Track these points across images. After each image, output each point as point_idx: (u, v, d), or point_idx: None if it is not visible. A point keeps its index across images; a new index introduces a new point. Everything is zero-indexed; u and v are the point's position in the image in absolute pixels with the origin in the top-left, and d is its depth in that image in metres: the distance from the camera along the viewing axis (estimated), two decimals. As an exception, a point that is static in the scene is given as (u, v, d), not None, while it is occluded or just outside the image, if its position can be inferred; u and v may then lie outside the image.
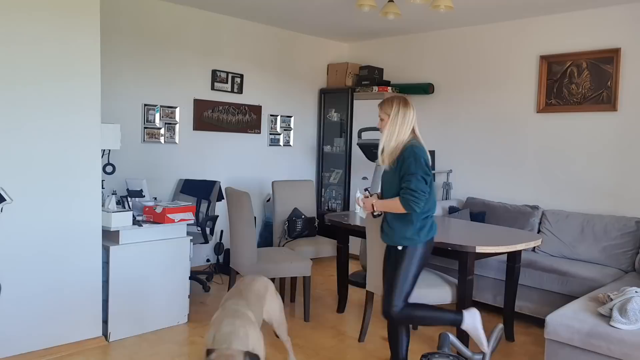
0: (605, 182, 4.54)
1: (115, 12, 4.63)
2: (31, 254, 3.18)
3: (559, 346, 2.88)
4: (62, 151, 3.26)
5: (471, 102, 5.43)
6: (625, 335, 2.66)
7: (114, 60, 4.64)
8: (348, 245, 4.22)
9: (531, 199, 4.92)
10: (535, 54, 4.94)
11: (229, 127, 5.52)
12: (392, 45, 6.16)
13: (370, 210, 2.89)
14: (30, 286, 3.18)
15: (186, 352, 3.41)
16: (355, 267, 5.46)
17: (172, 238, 3.79)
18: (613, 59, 4.44)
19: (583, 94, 4.63)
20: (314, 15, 5.27)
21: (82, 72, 3.31)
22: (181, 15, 5.08)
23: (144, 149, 4.91)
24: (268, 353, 3.42)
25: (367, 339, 3.69)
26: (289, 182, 5.07)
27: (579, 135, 4.69)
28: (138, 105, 4.85)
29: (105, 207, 3.56)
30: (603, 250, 4.18)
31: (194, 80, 5.23)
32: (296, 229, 4.76)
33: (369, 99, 5.92)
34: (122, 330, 3.57)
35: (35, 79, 3.14)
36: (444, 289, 3.36)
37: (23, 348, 3.17)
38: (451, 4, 3.76)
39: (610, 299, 2.93)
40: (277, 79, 5.96)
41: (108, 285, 3.49)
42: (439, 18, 5.17)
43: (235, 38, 5.53)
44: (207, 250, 5.45)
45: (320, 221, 5.21)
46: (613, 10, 4.47)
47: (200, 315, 4.05)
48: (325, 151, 6.44)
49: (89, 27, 3.32)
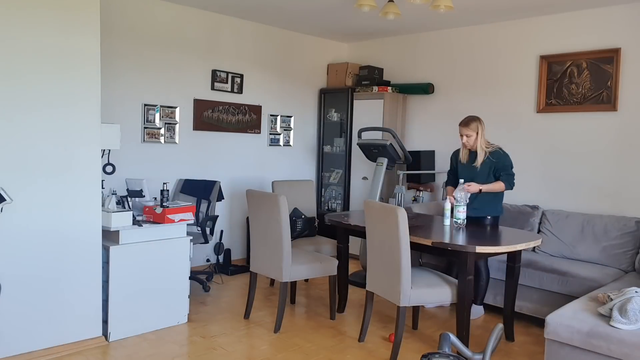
0: (605, 182, 4.54)
1: (115, 12, 4.63)
2: (31, 254, 3.18)
3: (559, 346, 2.88)
4: (62, 151, 3.26)
5: (471, 102, 5.43)
6: (625, 335, 2.66)
7: (114, 60, 4.64)
8: (348, 245, 4.22)
9: (531, 199, 4.92)
10: (535, 54, 4.94)
11: (229, 127, 5.52)
12: (392, 45, 6.16)
13: (476, 191, 3.81)
14: (30, 286, 3.18)
15: (186, 352, 3.41)
16: (355, 267, 5.46)
17: (172, 238, 3.78)
18: (613, 59, 4.44)
19: (583, 94, 4.63)
20: (314, 15, 5.28)
21: (82, 72, 3.31)
22: (181, 15, 5.08)
23: (144, 149, 4.91)
24: (268, 353, 3.42)
25: (367, 339, 3.69)
26: (289, 182, 5.07)
27: (579, 135, 4.69)
28: (138, 105, 4.85)
29: (105, 207, 3.56)
30: (603, 250, 4.19)
31: (194, 80, 5.23)
32: (296, 229, 4.76)
33: (369, 99, 5.93)
34: (122, 330, 3.57)
35: (35, 78, 3.13)
36: (444, 289, 3.36)
37: (23, 348, 3.17)
38: (451, 4, 3.76)
39: (610, 299, 2.93)
40: (277, 79, 5.96)
41: (108, 285, 3.49)
42: (439, 18, 5.17)
43: (235, 38, 5.53)
44: (207, 250, 5.45)
45: (320, 221, 5.21)
46: (613, 10, 4.47)
47: (200, 315, 4.05)
48: (325, 151, 6.44)
49: (89, 27, 3.31)
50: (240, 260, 5.71)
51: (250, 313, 4.06)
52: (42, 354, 3.23)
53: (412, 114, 5.99)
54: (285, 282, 3.75)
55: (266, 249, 3.86)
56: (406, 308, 3.30)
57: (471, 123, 3.87)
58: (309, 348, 3.53)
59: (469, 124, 3.87)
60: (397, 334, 3.30)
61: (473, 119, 3.89)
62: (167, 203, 3.77)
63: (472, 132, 3.87)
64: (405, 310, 3.29)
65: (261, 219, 3.87)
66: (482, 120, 3.91)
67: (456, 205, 3.73)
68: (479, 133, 3.87)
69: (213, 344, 3.54)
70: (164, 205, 3.70)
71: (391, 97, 5.83)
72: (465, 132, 3.89)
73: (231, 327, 3.85)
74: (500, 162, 3.88)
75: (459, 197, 3.70)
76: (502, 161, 3.88)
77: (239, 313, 4.14)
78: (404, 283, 3.24)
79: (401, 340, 3.33)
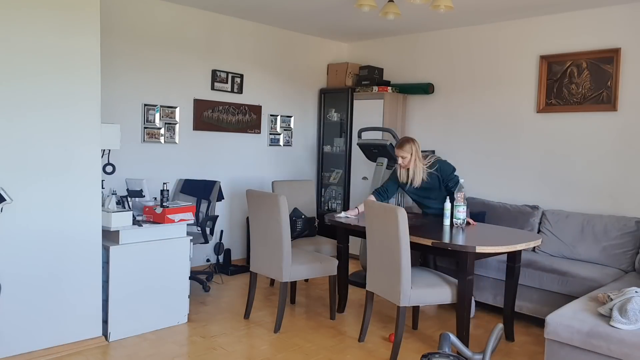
0: (605, 182, 4.54)
1: (115, 12, 4.63)
2: (31, 254, 3.18)
3: (559, 346, 2.88)
4: (62, 151, 3.26)
5: (471, 102, 5.43)
6: (625, 335, 2.66)
7: (114, 60, 4.64)
8: (348, 245, 4.22)
9: (531, 199, 4.92)
10: (535, 54, 4.94)
11: (229, 127, 5.52)
12: (392, 45, 6.16)
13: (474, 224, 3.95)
14: (30, 286, 3.18)
15: (186, 352, 3.41)
16: (355, 267, 5.46)
17: (172, 238, 3.79)
18: (613, 59, 4.44)
19: (583, 94, 4.63)
20: (314, 15, 5.28)
21: (82, 72, 3.31)
22: (181, 15, 5.08)
23: (144, 149, 4.91)
24: (268, 353, 3.42)
25: (367, 339, 3.69)
26: (289, 182, 5.07)
27: (579, 135, 4.69)
28: (138, 105, 4.85)
29: (105, 207, 3.56)
30: (603, 250, 4.19)
31: (194, 80, 5.23)
32: (296, 229, 4.76)
33: (369, 99, 5.93)
34: (122, 330, 3.57)
35: (35, 78, 3.13)
36: (444, 288, 3.36)
37: (23, 348, 3.17)
38: (451, 4, 3.76)
39: (610, 299, 2.93)
40: (277, 79, 5.96)
41: (108, 285, 3.49)
42: (439, 18, 5.17)
43: (235, 38, 5.53)
44: (207, 250, 5.45)
45: (320, 221, 5.21)
46: (613, 10, 4.47)
47: (200, 315, 4.05)
48: (325, 151, 6.44)
49: (89, 26, 3.32)
50: (240, 260, 5.71)
51: (250, 313, 4.06)
52: (42, 354, 3.24)
53: (412, 114, 5.99)
54: (285, 282, 3.76)
55: (266, 249, 3.86)
56: (406, 308, 3.30)
57: (405, 145, 4.00)
58: (309, 348, 3.53)
59: (403, 145, 4.01)
60: (397, 334, 3.30)
61: (407, 141, 4.02)
62: (167, 203, 3.77)
63: (407, 153, 3.99)
64: (405, 310, 3.29)
65: (261, 219, 3.87)
66: (415, 141, 4.03)
67: (456, 205, 3.74)
68: (413, 154, 3.99)
69: (213, 344, 3.54)
70: (164, 205, 3.70)
71: (391, 97, 5.84)
72: (401, 154, 4.02)
73: (231, 327, 3.85)
74: (444, 172, 4.02)
75: (457, 197, 3.73)
76: (445, 170, 4.03)
77: (239, 313, 4.14)
78: (404, 283, 3.24)
79: (401, 340, 3.33)
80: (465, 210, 3.76)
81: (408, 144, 4.01)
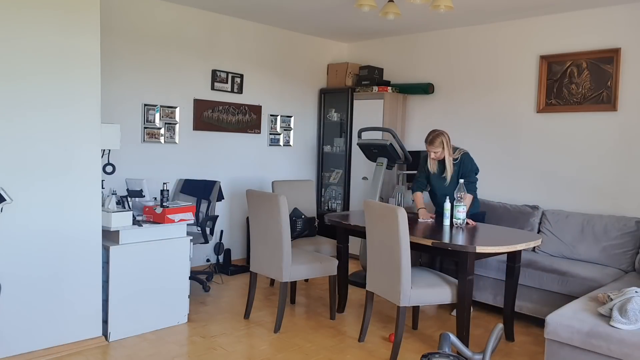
0: (605, 182, 4.54)
1: (115, 12, 4.63)
2: (31, 254, 3.18)
3: (559, 346, 2.88)
4: (62, 151, 3.26)
5: (471, 102, 5.43)
6: (625, 335, 2.66)
7: (114, 60, 4.64)
8: (348, 245, 4.22)
9: (531, 199, 4.92)
10: (535, 54, 4.94)
11: (229, 127, 5.52)
12: (392, 45, 6.16)
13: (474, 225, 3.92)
14: (30, 286, 3.18)
15: (186, 352, 3.41)
16: (355, 267, 5.46)
17: (172, 238, 3.78)
18: (613, 59, 4.44)
19: (583, 94, 4.63)
20: (314, 15, 5.28)
21: (82, 72, 3.31)
22: (181, 15, 5.08)
23: (144, 149, 4.91)
24: (268, 353, 3.42)
25: (367, 339, 3.69)
26: (289, 182, 5.07)
27: (579, 136, 4.69)
28: (138, 105, 4.85)
29: (105, 207, 3.56)
30: (603, 250, 4.19)
31: (194, 80, 5.23)
32: (296, 229, 4.76)
33: (369, 99, 5.93)
34: (122, 330, 3.57)
35: (35, 78, 3.13)
36: (444, 288, 3.36)
37: (23, 348, 3.17)
38: (451, 4, 3.76)
39: (610, 299, 2.93)
40: (277, 79, 5.96)
41: (108, 285, 3.49)
42: (439, 18, 5.17)
43: (235, 38, 5.53)
44: (207, 250, 5.45)
45: (320, 221, 5.21)
46: (613, 10, 4.47)
47: (200, 315, 4.05)
48: (325, 151, 6.44)
49: (89, 26, 3.32)
50: (240, 260, 5.71)
51: (250, 313, 4.06)
52: (42, 354, 3.24)
53: (412, 114, 5.99)
54: (285, 282, 3.76)
55: (266, 249, 3.86)
56: (406, 308, 3.30)
57: (436, 140, 3.98)
58: (309, 348, 3.53)
59: (434, 141, 3.98)
60: (397, 334, 3.30)
61: (437, 136, 3.98)
62: (167, 203, 3.77)
63: (438, 148, 3.99)
64: (405, 310, 3.29)
65: (261, 219, 3.87)
66: (445, 133, 4.01)
67: (456, 205, 3.75)
68: (445, 147, 3.99)
69: (213, 344, 3.54)
70: (164, 205, 3.71)
71: (391, 97, 5.84)
72: (432, 150, 4.01)
73: (231, 327, 3.85)
74: (464, 167, 4.05)
75: (458, 196, 3.73)
76: (466, 167, 4.05)
77: (239, 313, 4.14)
78: (404, 283, 3.24)
79: (401, 340, 3.33)
80: (465, 210, 3.77)
81: (438, 138, 3.99)
